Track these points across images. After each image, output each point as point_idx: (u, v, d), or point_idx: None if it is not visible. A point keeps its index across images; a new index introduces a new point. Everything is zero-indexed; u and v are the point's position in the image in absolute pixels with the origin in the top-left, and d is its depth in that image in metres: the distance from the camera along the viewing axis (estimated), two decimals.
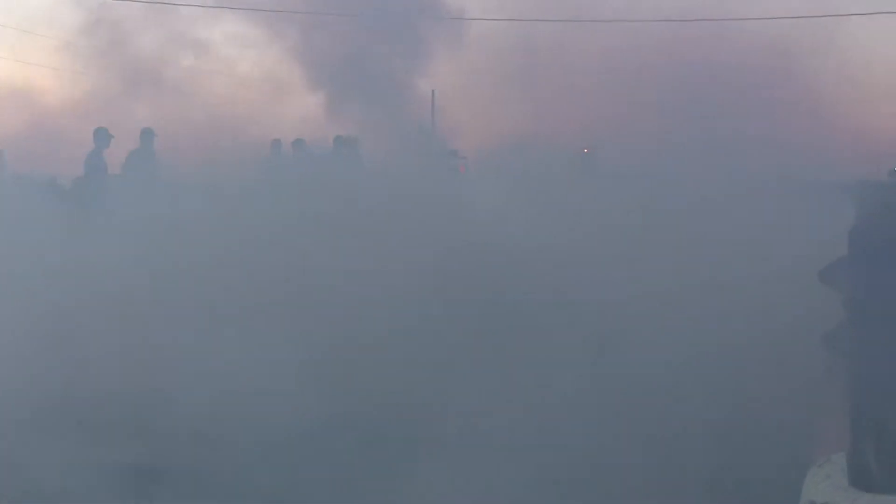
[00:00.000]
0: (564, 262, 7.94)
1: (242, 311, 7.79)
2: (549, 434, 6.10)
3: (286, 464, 6.01)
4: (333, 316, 7.70)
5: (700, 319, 7.06)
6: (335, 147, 13.77)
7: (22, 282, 8.26)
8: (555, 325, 7.23)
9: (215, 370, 6.95)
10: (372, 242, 8.23)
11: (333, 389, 6.81)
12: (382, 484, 5.74)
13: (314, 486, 5.79)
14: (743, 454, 5.76)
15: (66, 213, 9.53)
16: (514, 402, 6.44)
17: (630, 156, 9.22)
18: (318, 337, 7.35)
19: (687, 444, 5.82)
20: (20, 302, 7.93)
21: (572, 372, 6.60)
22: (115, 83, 11.55)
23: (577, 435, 6.01)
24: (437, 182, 9.27)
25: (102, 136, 13.57)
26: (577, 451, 5.83)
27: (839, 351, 5.10)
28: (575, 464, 5.72)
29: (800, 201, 7.26)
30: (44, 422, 6.67)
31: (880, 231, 4.72)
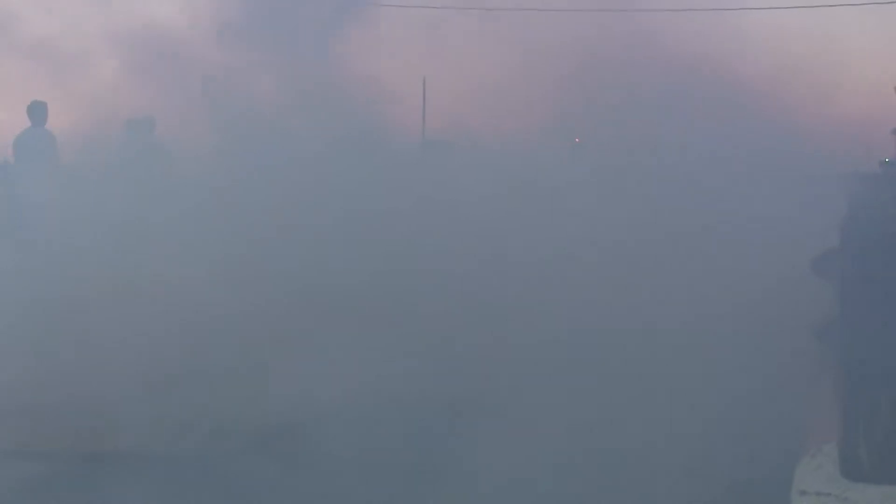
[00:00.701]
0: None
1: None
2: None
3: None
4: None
5: (689, 310, 7.07)
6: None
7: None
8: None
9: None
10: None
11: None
12: None
13: None
14: (734, 445, 5.78)
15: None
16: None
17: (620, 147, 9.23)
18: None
19: (676, 435, 5.84)
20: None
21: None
22: None
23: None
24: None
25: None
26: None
27: (831, 342, 5.13)
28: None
29: (791, 191, 7.28)
30: None
31: (872, 222, 4.74)
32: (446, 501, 5.49)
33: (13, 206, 10.63)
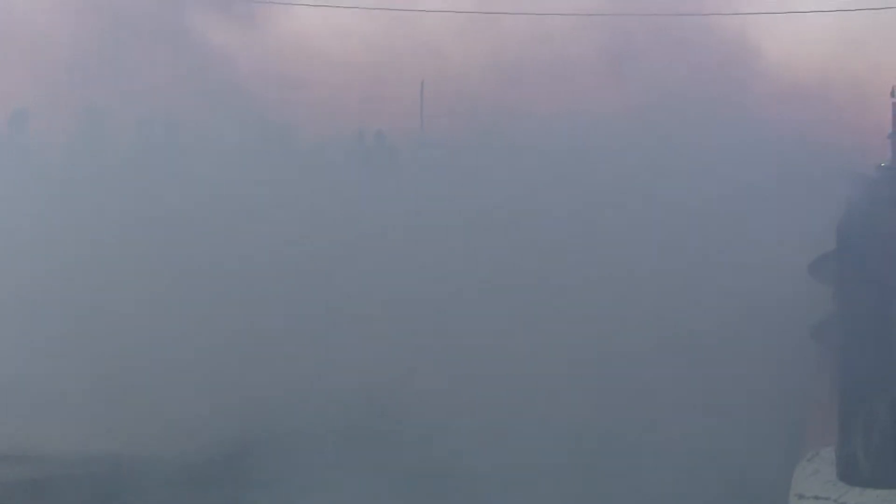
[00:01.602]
0: None
1: None
2: None
3: None
4: None
5: (688, 314, 7.05)
6: None
7: None
8: None
9: None
10: None
11: None
12: None
13: None
14: (734, 448, 5.76)
15: None
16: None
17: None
18: None
19: (677, 439, 5.83)
20: None
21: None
22: None
23: None
24: None
25: None
26: None
27: (828, 344, 5.12)
28: None
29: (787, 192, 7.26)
30: None
31: (868, 225, 4.73)
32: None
33: None
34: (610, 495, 5.54)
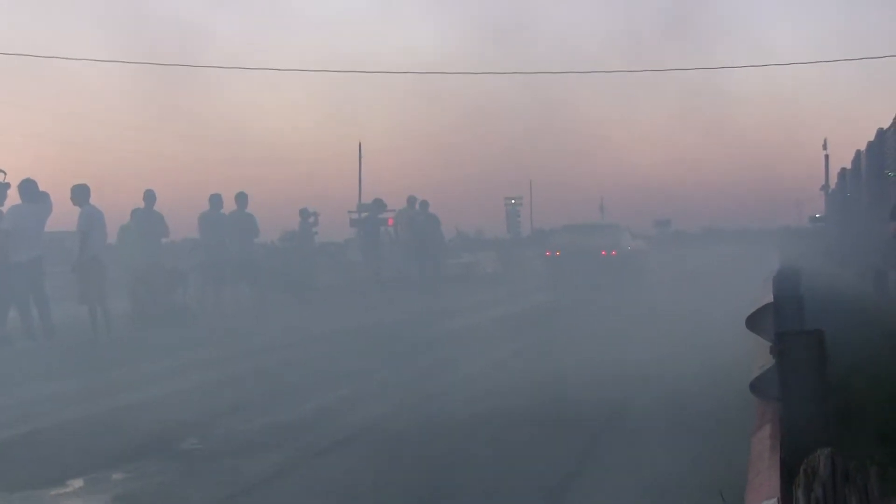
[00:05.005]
0: None
1: None
2: None
3: None
4: None
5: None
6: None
7: None
8: None
9: None
10: None
11: None
12: None
13: None
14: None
15: None
16: None
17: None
18: None
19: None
20: None
21: None
22: None
23: None
24: None
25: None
26: None
27: (768, 396, 5.09)
28: None
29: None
30: None
31: (799, 278, 4.75)
32: None
33: None
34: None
